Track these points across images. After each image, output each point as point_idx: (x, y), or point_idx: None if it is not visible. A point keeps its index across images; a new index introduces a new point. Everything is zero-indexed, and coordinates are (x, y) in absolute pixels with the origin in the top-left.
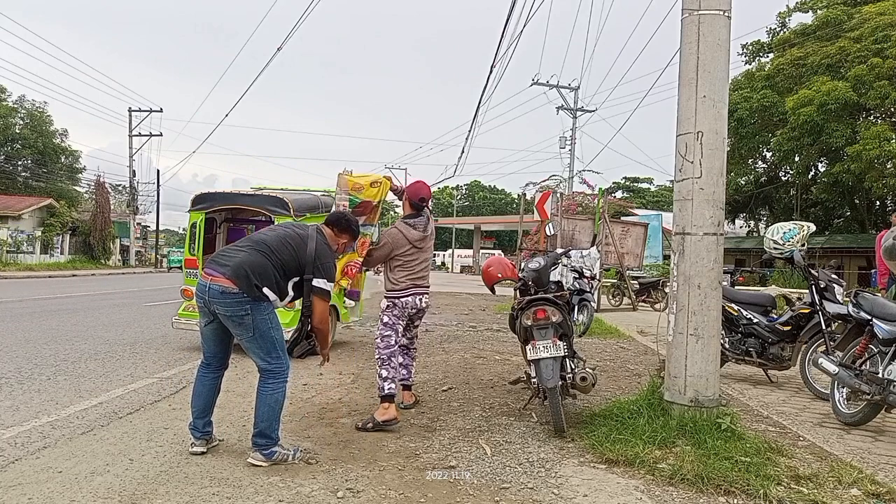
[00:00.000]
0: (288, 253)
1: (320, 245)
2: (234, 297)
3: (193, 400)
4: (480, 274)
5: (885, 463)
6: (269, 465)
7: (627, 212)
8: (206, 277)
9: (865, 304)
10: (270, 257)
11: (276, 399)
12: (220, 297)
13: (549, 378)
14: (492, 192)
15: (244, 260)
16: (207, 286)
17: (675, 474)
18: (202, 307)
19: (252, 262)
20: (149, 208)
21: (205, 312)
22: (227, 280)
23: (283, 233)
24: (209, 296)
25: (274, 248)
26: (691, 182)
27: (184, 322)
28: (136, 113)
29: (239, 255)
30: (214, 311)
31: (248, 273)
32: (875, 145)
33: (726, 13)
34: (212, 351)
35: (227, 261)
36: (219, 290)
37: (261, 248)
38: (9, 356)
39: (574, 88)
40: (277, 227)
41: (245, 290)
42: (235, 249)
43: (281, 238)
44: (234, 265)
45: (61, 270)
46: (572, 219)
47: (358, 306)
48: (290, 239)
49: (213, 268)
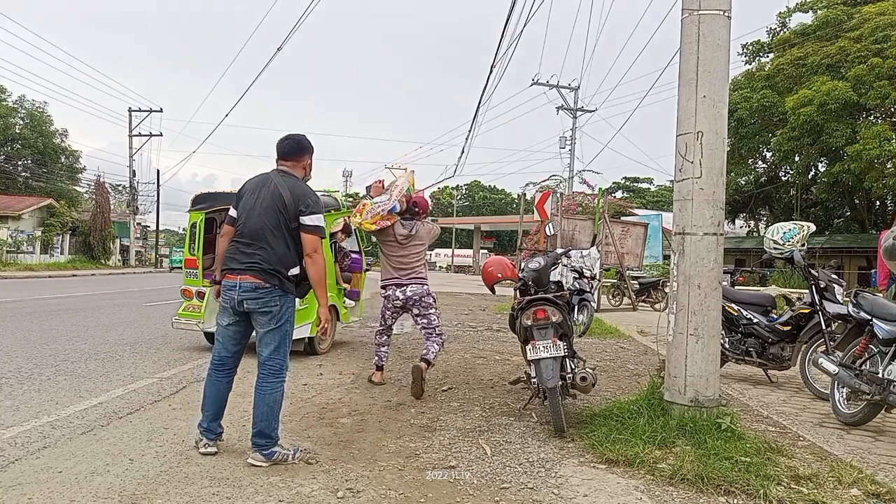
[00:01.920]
0: (278, 219)
1: (293, 186)
2: (266, 290)
3: (207, 404)
4: (480, 274)
5: (885, 463)
6: (270, 465)
7: (627, 212)
8: (233, 277)
9: (865, 304)
10: (278, 239)
11: (275, 398)
12: (254, 292)
13: (549, 378)
14: (492, 192)
15: (265, 257)
16: (238, 284)
17: (675, 474)
18: (227, 306)
19: (270, 257)
20: (149, 208)
21: (229, 312)
22: (257, 278)
23: (261, 206)
24: (240, 292)
25: (277, 229)
26: (691, 182)
27: (184, 322)
28: (136, 113)
29: (257, 251)
30: (243, 308)
31: (273, 269)
32: (875, 145)
33: (726, 13)
34: (229, 351)
35: (248, 259)
36: (251, 286)
37: (266, 238)
38: (9, 356)
39: (574, 88)
40: (248, 202)
41: (277, 283)
42: (249, 245)
43: (265, 214)
44: (257, 264)
45: (61, 270)
46: (572, 219)
47: (358, 306)
48: (270, 208)
49: (234, 268)
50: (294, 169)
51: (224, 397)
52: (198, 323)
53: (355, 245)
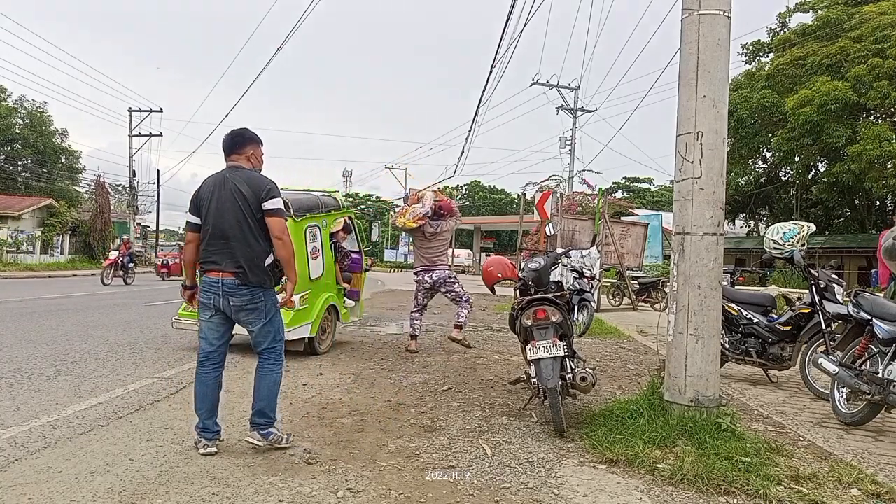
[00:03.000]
0: (243, 215)
1: (248, 178)
2: (248, 287)
3: (199, 403)
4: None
5: (885, 463)
6: (266, 446)
7: (627, 212)
8: (216, 273)
9: (865, 304)
10: (249, 235)
11: (275, 379)
12: (237, 290)
13: (549, 378)
14: (492, 192)
15: (243, 255)
16: (220, 281)
17: (675, 474)
18: (209, 301)
19: (247, 253)
20: (149, 208)
21: (209, 307)
22: (239, 277)
23: (227, 207)
24: (224, 289)
25: (246, 224)
26: (691, 182)
27: (184, 322)
28: (136, 113)
29: (234, 250)
30: (226, 304)
31: (253, 266)
32: (875, 145)
33: (726, 13)
34: (213, 346)
35: (227, 258)
36: (234, 283)
37: (238, 236)
38: (9, 356)
39: (574, 88)
40: (211, 206)
41: (257, 282)
42: (225, 244)
43: (230, 214)
44: (237, 262)
45: (61, 270)
46: (572, 219)
47: (358, 306)
48: (233, 206)
49: (215, 264)
50: (241, 161)
51: (215, 395)
52: (198, 323)
53: (355, 245)
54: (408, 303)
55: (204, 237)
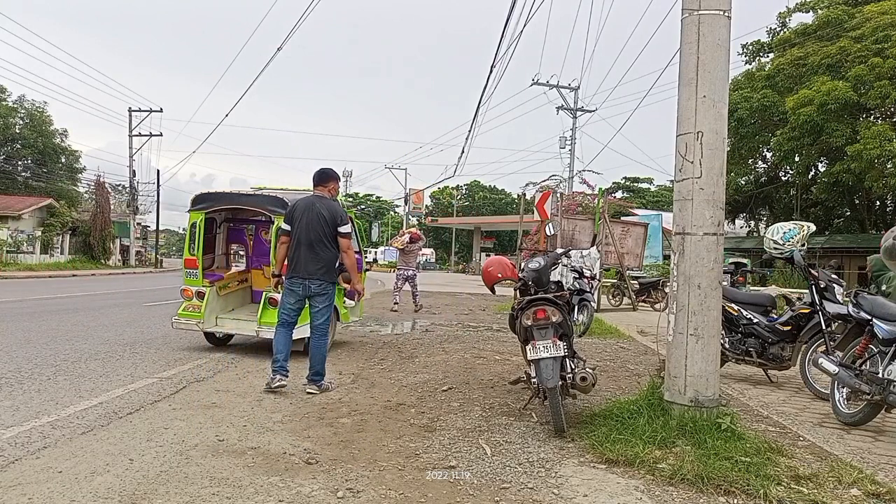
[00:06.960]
0: (324, 232)
1: (329, 206)
2: (325, 284)
3: (279, 347)
4: (480, 274)
5: (885, 463)
6: (320, 392)
7: (627, 212)
8: (304, 279)
9: (865, 304)
10: (329, 246)
11: (324, 345)
12: (318, 285)
13: (549, 378)
14: (492, 192)
15: (324, 259)
16: (308, 282)
17: (675, 474)
18: (297, 290)
19: (326, 258)
20: (149, 208)
21: (296, 293)
22: (321, 278)
23: (313, 226)
24: (309, 286)
25: (325, 238)
26: (691, 182)
27: (184, 322)
28: (136, 113)
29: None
30: (308, 290)
31: (329, 267)
32: (875, 145)
33: (726, 13)
34: (292, 317)
35: (314, 265)
36: (318, 283)
37: (320, 246)
38: (9, 356)
39: (574, 88)
40: (302, 222)
41: (329, 278)
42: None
43: (315, 230)
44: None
45: (61, 270)
46: (572, 219)
47: (358, 306)
48: (318, 225)
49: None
50: (324, 192)
51: (290, 344)
52: (197, 323)
53: (355, 245)
54: (408, 303)
55: (293, 243)
